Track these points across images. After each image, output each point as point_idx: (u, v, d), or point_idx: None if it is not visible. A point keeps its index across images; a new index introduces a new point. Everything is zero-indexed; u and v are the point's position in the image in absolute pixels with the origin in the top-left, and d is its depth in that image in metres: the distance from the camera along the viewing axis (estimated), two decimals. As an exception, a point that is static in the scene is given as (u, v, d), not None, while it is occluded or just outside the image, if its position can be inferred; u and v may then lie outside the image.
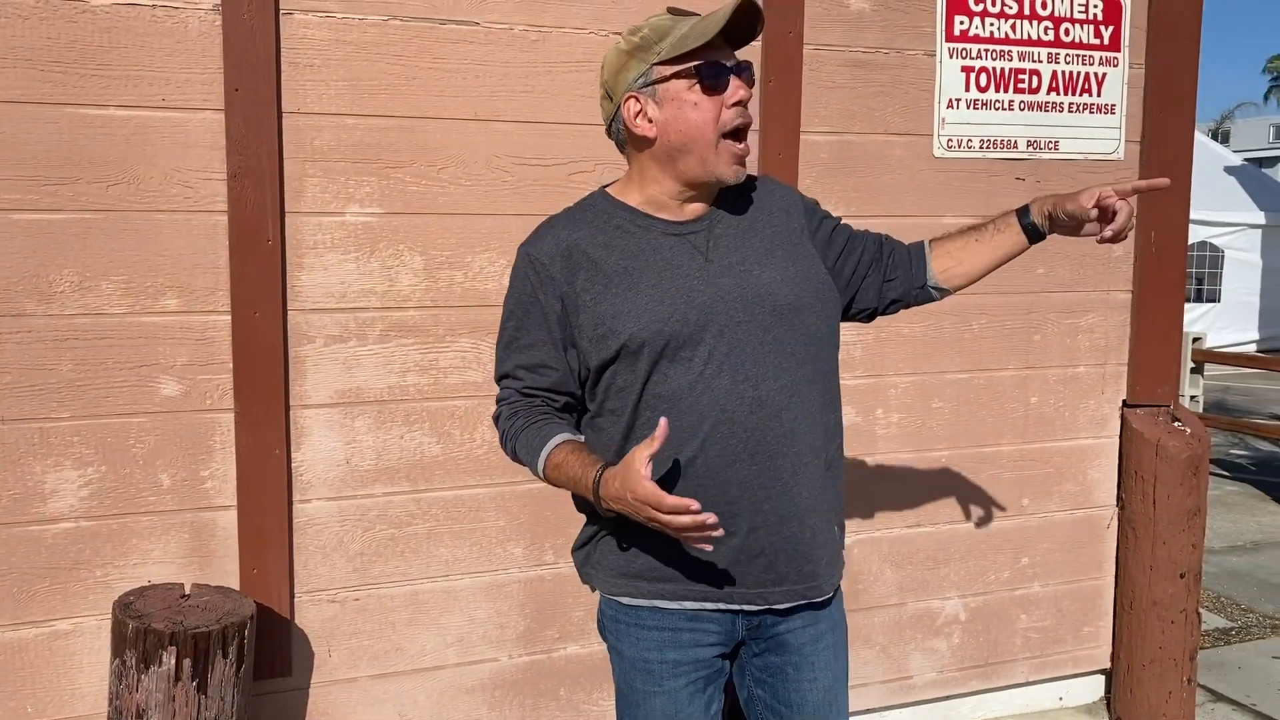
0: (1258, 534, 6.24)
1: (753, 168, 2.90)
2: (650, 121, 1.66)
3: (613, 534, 1.73)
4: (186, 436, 2.51)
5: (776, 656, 1.78)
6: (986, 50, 3.08)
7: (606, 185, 1.80)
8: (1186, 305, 12.74)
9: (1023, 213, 1.87)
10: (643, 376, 1.65)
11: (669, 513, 1.48)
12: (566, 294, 1.68)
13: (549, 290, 1.69)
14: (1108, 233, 1.77)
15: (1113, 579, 3.45)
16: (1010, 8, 3.08)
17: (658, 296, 1.65)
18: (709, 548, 1.57)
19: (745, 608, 1.72)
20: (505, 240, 2.68)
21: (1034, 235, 1.87)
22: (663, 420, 1.52)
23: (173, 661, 2.22)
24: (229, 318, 2.51)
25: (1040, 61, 3.13)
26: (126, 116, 2.40)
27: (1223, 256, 14.53)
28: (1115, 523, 3.42)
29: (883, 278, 1.88)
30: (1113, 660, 3.48)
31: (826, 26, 2.93)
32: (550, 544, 2.81)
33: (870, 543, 3.15)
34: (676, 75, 1.63)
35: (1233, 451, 8.47)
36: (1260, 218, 14.80)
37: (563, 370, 1.71)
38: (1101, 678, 3.54)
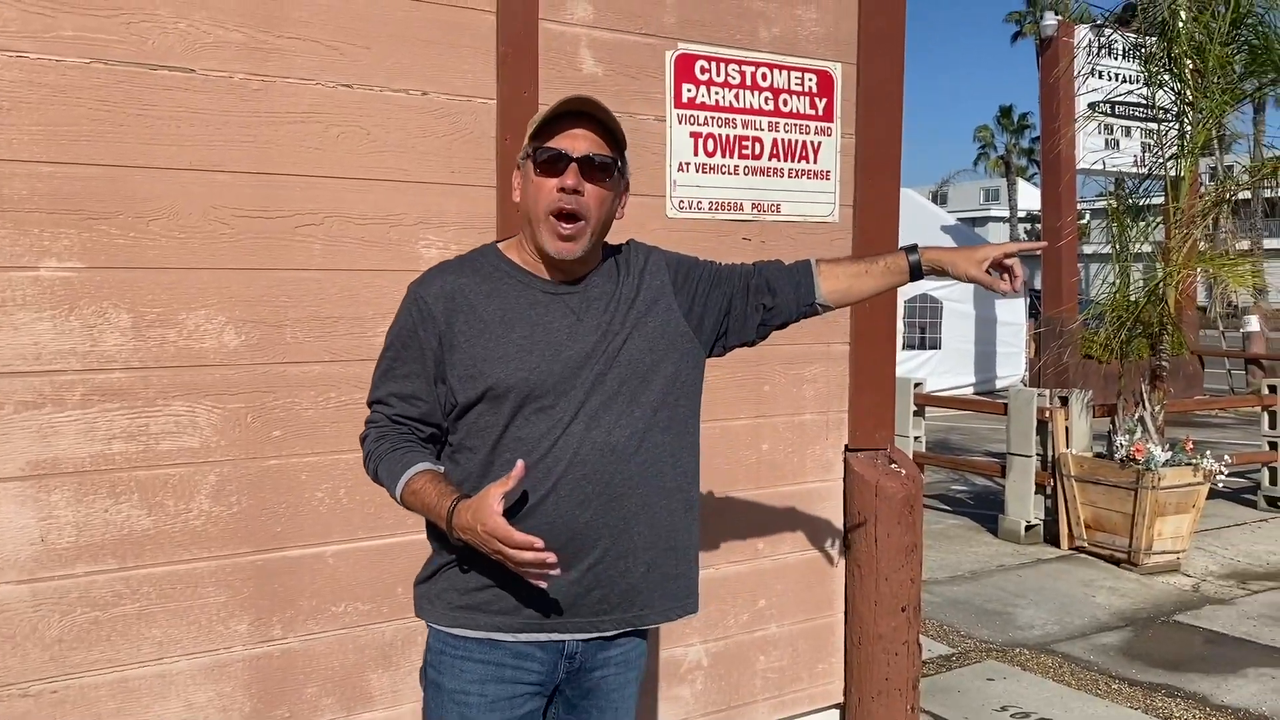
0: (975, 564, 6.79)
1: (491, 220, 2.90)
2: (518, 190, 1.91)
3: (460, 566, 1.86)
4: None
5: (586, 700, 1.96)
6: (713, 117, 3.24)
7: (497, 241, 1.98)
8: (911, 352, 13.76)
9: (910, 252, 2.13)
10: (504, 420, 1.81)
11: (514, 548, 1.67)
12: (444, 333, 1.84)
13: (429, 328, 1.85)
14: (1016, 285, 2.12)
15: (843, 616, 3.64)
16: (734, 78, 3.27)
17: (527, 347, 1.82)
18: (544, 584, 1.74)
19: (575, 636, 1.89)
20: (224, 296, 2.54)
21: (916, 275, 2.13)
22: (519, 463, 1.70)
23: None
24: (-104, 384, 2.24)
25: (762, 129, 3.33)
26: None
27: (941, 307, 15.87)
28: (842, 561, 3.62)
29: (759, 307, 2.08)
30: (845, 694, 3.66)
31: (560, 89, 2.98)
32: (278, 618, 2.65)
33: (614, 595, 3.18)
34: (528, 155, 1.87)
35: (954, 488, 9.20)
36: (972, 272, 16.30)
37: (432, 403, 1.88)
38: (836, 712, 3.71)
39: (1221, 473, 6.80)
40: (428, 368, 1.87)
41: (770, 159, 3.34)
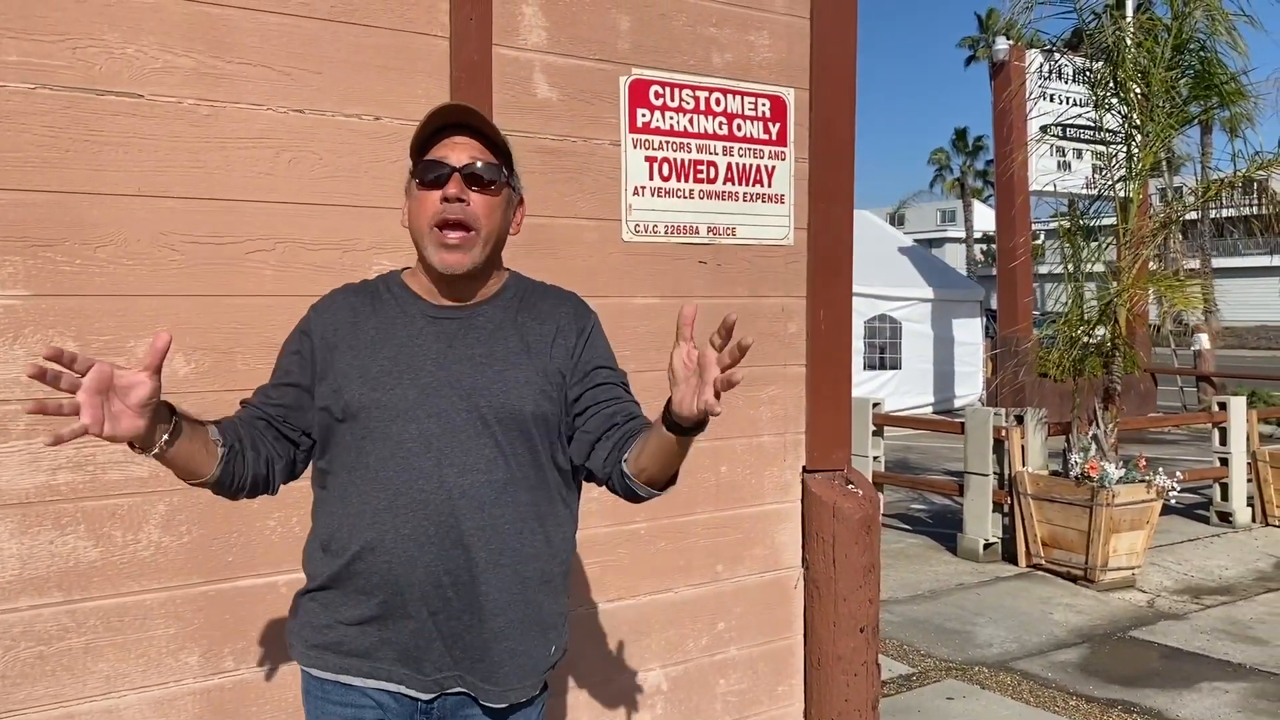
0: (934, 583, 6.83)
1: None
2: (405, 214, 1.84)
3: (313, 598, 1.80)
4: None
5: None
6: (668, 142, 3.26)
7: (406, 268, 1.93)
8: (872, 373, 13.85)
9: (665, 410, 1.63)
10: (357, 443, 1.74)
11: None
12: (319, 346, 1.81)
13: (308, 340, 1.83)
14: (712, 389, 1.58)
15: (802, 637, 3.64)
16: (688, 103, 3.29)
17: (388, 368, 1.75)
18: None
19: (421, 695, 1.76)
20: (174, 323, 2.51)
21: (673, 427, 1.62)
22: (160, 336, 1.51)
23: None
24: None
25: (717, 154, 3.35)
26: None
27: (901, 328, 16.04)
28: (802, 583, 3.63)
29: (593, 440, 1.79)
30: (806, 716, 3.66)
31: (515, 114, 3.00)
32: (230, 649, 2.61)
33: (574, 621, 3.15)
34: (411, 173, 1.81)
35: (913, 506, 9.26)
36: (930, 293, 16.52)
37: (297, 408, 1.81)
38: (797, 734, 3.72)
39: (1174, 489, 6.90)
40: (305, 374, 1.81)
41: (725, 183, 3.37)
